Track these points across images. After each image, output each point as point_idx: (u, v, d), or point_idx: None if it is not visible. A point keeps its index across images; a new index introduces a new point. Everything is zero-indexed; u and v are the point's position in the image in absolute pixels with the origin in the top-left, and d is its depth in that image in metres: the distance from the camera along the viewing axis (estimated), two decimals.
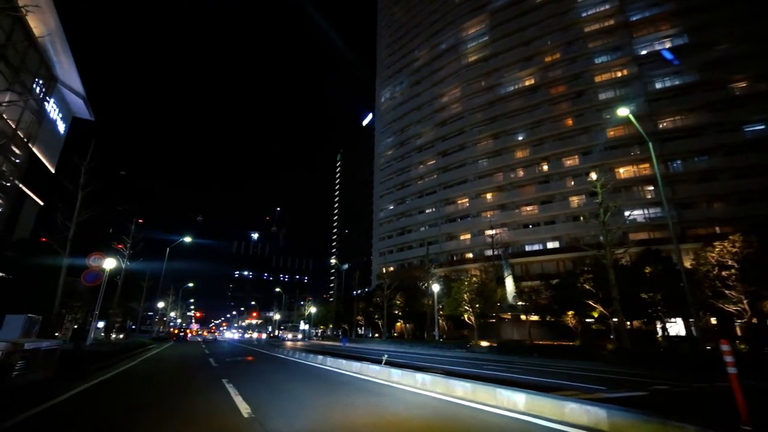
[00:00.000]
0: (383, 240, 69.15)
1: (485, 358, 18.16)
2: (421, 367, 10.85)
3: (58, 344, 8.12)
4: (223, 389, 7.27)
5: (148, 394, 6.99)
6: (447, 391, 6.56)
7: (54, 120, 40.94)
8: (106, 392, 7.06)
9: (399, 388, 7.59)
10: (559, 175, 48.79)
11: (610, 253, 17.46)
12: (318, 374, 10.04)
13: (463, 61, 62.29)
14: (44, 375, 7.51)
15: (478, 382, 6.04)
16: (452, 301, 31.18)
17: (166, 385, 8.01)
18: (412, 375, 7.77)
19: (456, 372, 9.40)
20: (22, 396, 6.14)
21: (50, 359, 7.72)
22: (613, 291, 16.32)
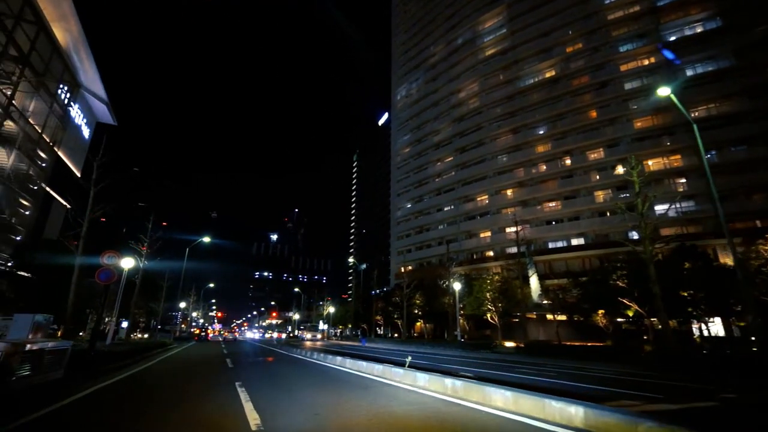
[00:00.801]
0: (401, 239, 68.38)
1: (513, 359, 17.18)
2: (448, 370, 10.13)
3: (68, 344, 7.79)
4: (234, 394, 6.75)
5: (153, 400, 6.54)
6: (483, 400, 5.80)
7: (79, 125, 42.02)
8: (111, 397, 6.65)
9: (426, 394, 6.89)
10: (584, 169, 46.87)
11: (650, 246, 16.12)
12: (337, 377, 9.44)
13: (480, 56, 60.87)
14: (52, 377, 7.15)
15: (520, 391, 5.26)
16: (474, 300, 30.15)
17: (176, 389, 7.56)
18: (440, 380, 7.04)
19: (491, 378, 8.61)
20: (22, 400, 5.76)
21: (58, 360, 7.37)
22: (654, 287, 15.08)
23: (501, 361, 16.14)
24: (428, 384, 7.26)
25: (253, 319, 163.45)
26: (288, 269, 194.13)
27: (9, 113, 27.18)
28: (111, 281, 11.14)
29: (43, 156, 33.18)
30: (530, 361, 16.42)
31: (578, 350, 19.13)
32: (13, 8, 26.68)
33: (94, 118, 47.31)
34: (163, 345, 22.50)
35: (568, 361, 16.42)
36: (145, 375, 9.67)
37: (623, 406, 4.97)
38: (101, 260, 11.01)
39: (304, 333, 79.94)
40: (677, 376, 11.50)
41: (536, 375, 10.83)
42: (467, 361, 16.07)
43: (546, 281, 34.56)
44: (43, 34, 30.78)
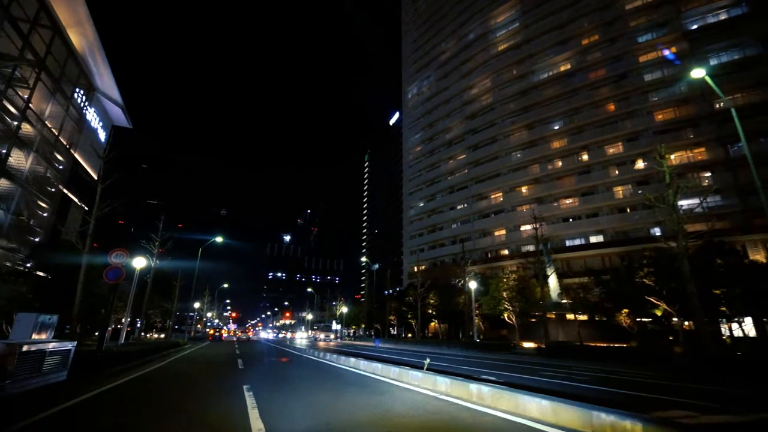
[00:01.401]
0: (414, 238, 67.70)
1: (535, 361, 16.38)
2: (468, 374, 9.51)
3: (72, 345, 7.47)
4: (241, 399, 6.30)
5: (154, 404, 6.14)
6: (515, 409, 5.18)
7: (95, 129, 42.61)
8: (111, 402, 6.28)
9: (449, 401, 6.31)
10: (602, 164, 45.42)
11: (683, 240, 15.09)
12: (351, 381, 8.93)
13: (493, 51, 59.75)
14: (54, 380, 6.82)
15: (559, 400, 4.62)
16: (490, 299, 29.32)
17: (181, 393, 7.16)
18: (463, 385, 6.44)
19: (517, 383, 7.96)
20: (17, 405, 5.41)
21: (60, 362, 7.05)
22: (689, 285, 14.10)
23: (522, 363, 15.39)
24: (450, 389, 6.67)
25: (267, 320, 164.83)
26: (301, 270, 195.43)
27: (26, 116, 27.60)
28: (119, 280, 10.88)
29: (60, 159, 33.67)
30: (554, 363, 15.61)
31: (603, 352, 18.21)
32: (28, 13, 27.06)
33: (109, 121, 48.06)
34: (177, 345, 22.40)
35: (594, 364, 15.57)
36: (152, 377, 9.33)
37: (676, 418, 4.31)
38: (109, 258, 10.75)
39: (317, 333, 79.99)
40: (720, 380, 10.63)
41: (565, 379, 10.11)
42: (486, 363, 15.37)
43: (564, 280, 33.47)
44: (58, 38, 31.22)
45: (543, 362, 16.00)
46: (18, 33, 25.89)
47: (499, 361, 16.24)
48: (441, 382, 6.95)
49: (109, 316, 11.13)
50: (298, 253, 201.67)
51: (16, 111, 26.54)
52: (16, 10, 25.82)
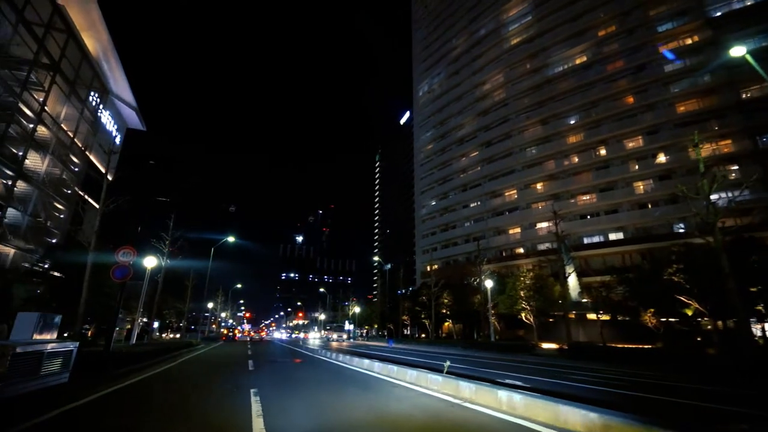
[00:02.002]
0: (426, 237, 66.93)
1: (559, 364, 15.52)
2: (491, 378, 8.87)
3: (74, 346, 7.14)
4: (247, 405, 5.83)
5: (155, 409, 5.76)
6: (555, 422, 4.55)
7: (110, 131, 43.13)
8: (111, 406, 5.91)
9: (474, 410, 5.72)
10: (621, 159, 43.95)
11: (720, 234, 14.03)
12: (365, 385, 8.40)
13: (505, 45, 58.60)
14: (53, 382, 6.47)
15: (609, 413, 3.97)
16: (507, 298, 28.46)
17: (185, 396, 6.75)
18: (490, 392, 5.82)
19: (546, 389, 7.30)
20: (10, 410, 5.03)
21: (61, 363, 6.70)
22: (728, 282, 13.08)
23: (546, 366, 14.61)
24: (475, 395, 6.07)
25: (281, 320, 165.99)
26: (313, 270, 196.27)
27: (42, 119, 27.95)
28: (127, 279, 10.59)
29: (75, 161, 34.12)
30: (580, 366, 14.78)
31: (628, 353, 17.26)
32: (43, 17, 27.37)
33: (124, 124, 48.70)
34: (190, 345, 22.26)
35: (623, 367, 14.68)
36: (158, 378, 8.97)
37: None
38: (116, 257, 10.47)
39: (330, 333, 79.75)
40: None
41: (600, 384, 9.37)
42: (507, 365, 14.64)
43: (583, 278, 32.35)
44: (72, 41, 31.58)
45: (568, 365, 15.18)
46: (33, 37, 26.20)
47: (520, 363, 15.49)
48: (464, 388, 6.35)
49: (117, 316, 10.86)
50: (311, 253, 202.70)
51: (31, 114, 26.87)
52: (31, 15, 26.13)
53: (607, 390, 8.34)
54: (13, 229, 26.73)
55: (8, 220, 25.71)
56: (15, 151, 26.38)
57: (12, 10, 23.69)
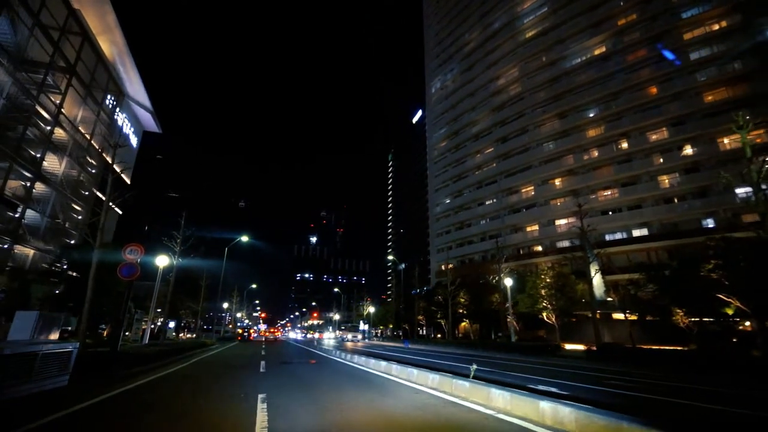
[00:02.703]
0: (441, 236, 65.92)
1: (589, 367, 14.44)
2: (522, 384, 8.09)
3: (73, 346, 6.71)
4: (252, 415, 5.24)
5: (153, 417, 5.18)
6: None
7: (126, 134, 43.66)
8: (108, 412, 5.42)
9: (513, 423, 4.97)
10: (644, 152, 42.15)
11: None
12: (384, 389, 7.76)
13: (520, 38, 57.14)
14: (50, 386, 6.03)
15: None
16: (527, 297, 27.38)
17: (188, 402, 6.25)
18: (530, 402, 5.03)
19: (593, 400, 6.50)
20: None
21: (59, 365, 6.27)
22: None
23: (576, 369, 13.66)
24: (510, 406, 5.32)
25: (296, 320, 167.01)
26: (327, 270, 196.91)
27: (59, 121, 28.29)
28: (134, 277, 10.21)
29: (92, 162, 34.55)
30: (613, 369, 13.76)
31: (662, 355, 16.14)
32: (58, 20, 27.67)
33: (140, 127, 49.38)
34: (203, 345, 22.05)
35: (659, 370, 13.64)
36: (164, 381, 8.52)
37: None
38: (123, 254, 10.09)
39: (345, 333, 79.54)
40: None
41: (648, 392, 8.44)
42: (533, 368, 13.76)
43: (605, 277, 30.99)
44: (87, 44, 31.94)
45: (600, 368, 14.16)
46: (49, 40, 26.48)
47: (547, 366, 14.57)
48: (497, 396, 5.61)
49: (125, 315, 10.49)
50: (324, 254, 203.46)
51: (49, 116, 27.21)
52: (47, 18, 26.43)
53: (663, 400, 7.44)
54: (33, 230, 27.10)
55: (27, 221, 26.04)
56: (33, 153, 26.72)
57: (28, 13, 23.94)
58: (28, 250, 27.47)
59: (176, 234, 19.76)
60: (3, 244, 24.35)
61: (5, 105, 22.76)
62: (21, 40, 24.15)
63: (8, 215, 24.90)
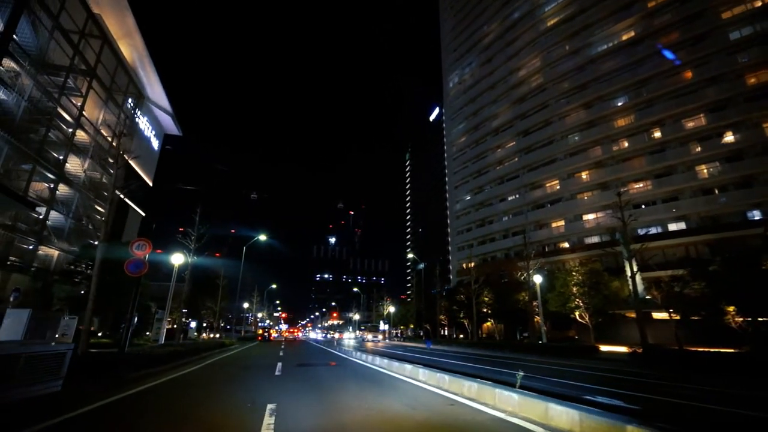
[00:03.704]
0: (461, 233, 64.33)
1: (642, 373, 12.83)
2: (575, 394, 6.95)
3: (67, 348, 6.06)
4: (256, 428, 4.36)
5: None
6: None
7: (148, 137, 44.26)
8: (95, 422, 4.64)
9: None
10: (679, 141, 39.57)
11: None
12: (414, 399, 6.79)
13: (541, 27, 55.01)
14: (39, 392, 5.35)
15: None
16: (557, 295, 25.82)
17: (189, 412, 5.44)
18: (611, 425, 3.94)
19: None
20: None
21: (49, 369, 5.60)
22: None
23: (624, 375, 12.26)
24: (580, 427, 4.23)
25: (316, 320, 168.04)
26: (347, 271, 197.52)
27: (80, 124, 28.62)
28: (142, 273, 9.62)
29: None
30: (667, 374, 12.29)
31: (717, 359, 14.48)
32: (78, 23, 27.96)
33: (162, 130, 50.06)
34: (222, 345, 21.62)
35: (722, 377, 12.12)
36: (169, 386, 7.82)
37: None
38: (130, 249, 9.50)
39: (365, 334, 79.03)
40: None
41: (737, 406, 7.17)
42: (575, 373, 12.40)
43: (642, 273, 28.98)
44: (107, 47, 32.28)
45: (650, 373, 12.68)
46: (69, 42, 26.74)
47: (589, 371, 13.21)
48: (559, 413, 4.47)
49: (132, 314, 9.93)
50: (343, 254, 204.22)
51: (70, 119, 27.53)
52: (67, 22, 26.71)
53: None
54: (57, 232, 27.45)
55: (51, 223, 26.37)
56: (56, 155, 27.06)
57: (48, 16, 24.17)
58: (52, 251, 27.86)
59: (191, 231, 19.39)
60: (28, 245, 24.68)
61: (27, 107, 22.99)
62: (42, 43, 24.41)
63: (33, 217, 25.24)
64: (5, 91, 21.49)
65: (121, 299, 20.29)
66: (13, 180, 23.56)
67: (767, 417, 5.95)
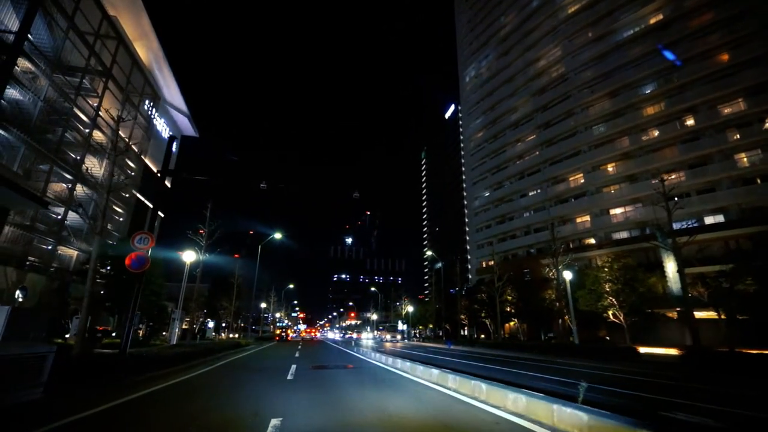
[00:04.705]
0: (480, 231, 62.63)
1: (713, 380, 11.43)
2: (647, 413, 5.80)
3: (47, 350, 5.32)
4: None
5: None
6: None
7: (165, 139, 44.60)
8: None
9: None
10: (715, 128, 37.04)
11: None
12: (449, 413, 5.75)
13: (562, 15, 52.86)
14: (16, 400, 4.59)
15: None
16: (588, 293, 24.19)
17: (176, 427, 4.56)
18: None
19: None
20: None
21: (25, 376, 4.85)
22: None
23: (681, 381, 10.88)
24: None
25: (334, 320, 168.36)
26: (363, 271, 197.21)
27: (97, 124, 28.71)
28: (144, 269, 8.91)
29: (131, 165, 35.15)
30: (736, 382, 10.82)
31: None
32: (93, 24, 28.02)
33: (179, 132, 50.47)
34: (237, 346, 21.06)
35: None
36: (168, 393, 6.99)
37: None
38: (132, 244, 8.80)
39: (383, 334, 78.16)
40: None
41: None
42: (630, 380, 10.97)
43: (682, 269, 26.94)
44: (123, 49, 32.39)
45: (717, 380, 11.26)
46: (84, 43, 26.80)
47: (642, 377, 11.78)
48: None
49: (134, 312, 9.25)
50: (360, 254, 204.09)
51: (87, 119, 27.62)
52: (83, 23, 26.76)
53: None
54: (76, 232, 27.56)
55: (70, 223, 26.45)
56: (74, 155, 27.17)
57: (63, 17, 24.19)
58: (72, 252, 27.99)
59: (201, 226, 18.88)
60: (47, 246, 24.77)
61: (43, 108, 23.01)
62: (58, 44, 24.46)
63: (52, 217, 25.35)
64: (21, 91, 21.53)
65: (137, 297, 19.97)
66: (32, 181, 23.66)
67: None
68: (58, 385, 5.56)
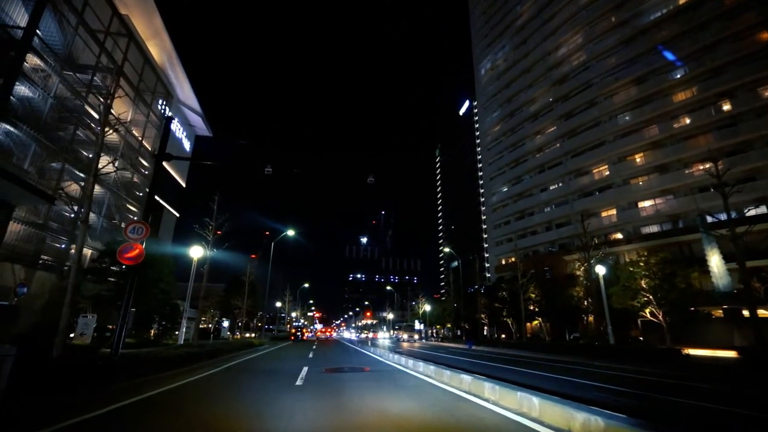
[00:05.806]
0: (498, 227, 60.72)
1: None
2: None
3: (11, 352, 4.40)
4: None
5: None
6: None
7: (180, 139, 44.46)
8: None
9: None
10: (755, 112, 34.46)
11: None
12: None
13: (582, 0, 50.53)
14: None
15: None
16: (621, 290, 22.45)
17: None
18: None
19: None
20: None
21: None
22: None
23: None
24: None
25: (350, 320, 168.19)
26: (379, 270, 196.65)
27: (109, 122, 28.46)
28: (138, 261, 8.01)
29: (145, 164, 35.01)
30: None
31: None
32: (103, 21, 27.78)
33: (193, 132, 50.45)
34: (250, 345, 20.28)
35: None
36: (157, 402, 5.94)
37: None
38: (125, 234, 7.92)
39: (400, 333, 77.04)
40: None
41: None
42: (693, 387, 9.59)
43: (724, 263, 24.85)
44: (135, 47, 32.18)
45: None
46: (95, 40, 26.54)
47: (704, 383, 10.32)
48: None
49: (127, 310, 8.40)
50: (375, 254, 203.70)
51: (98, 117, 27.37)
52: (93, 21, 26.53)
53: None
54: (90, 231, 27.35)
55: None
56: (86, 153, 26.96)
57: (72, 13, 23.91)
58: (86, 251, 27.79)
59: (208, 221, 18.17)
60: (60, 244, 24.57)
61: (54, 105, 22.74)
62: (68, 41, 24.21)
63: (66, 216, 25.16)
64: (31, 87, 21.26)
65: (147, 297, 19.46)
66: (45, 179, 23.48)
67: None
68: (19, 394, 4.65)
